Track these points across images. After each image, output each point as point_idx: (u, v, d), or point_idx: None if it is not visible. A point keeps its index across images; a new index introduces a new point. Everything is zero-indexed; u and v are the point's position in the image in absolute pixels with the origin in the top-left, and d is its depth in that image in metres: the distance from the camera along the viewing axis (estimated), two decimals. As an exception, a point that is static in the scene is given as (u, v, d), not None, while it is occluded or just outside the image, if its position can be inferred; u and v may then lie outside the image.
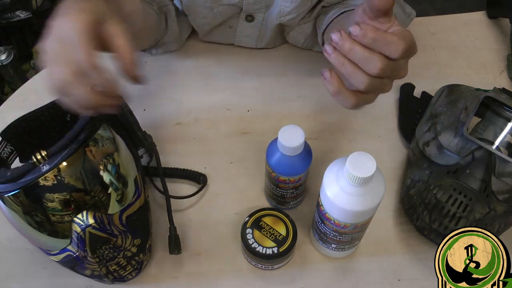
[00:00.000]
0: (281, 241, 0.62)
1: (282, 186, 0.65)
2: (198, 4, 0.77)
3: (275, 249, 0.62)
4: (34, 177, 0.54)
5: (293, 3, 0.75)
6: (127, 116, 0.65)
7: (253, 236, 0.63)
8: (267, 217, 0.64)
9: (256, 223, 0.64)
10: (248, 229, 0.63)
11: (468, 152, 0.65)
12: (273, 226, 0.63)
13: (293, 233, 0.63)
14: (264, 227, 0.63)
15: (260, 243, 0.62)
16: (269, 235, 0.63)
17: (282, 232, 0.63)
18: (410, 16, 0.81)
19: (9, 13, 1.56)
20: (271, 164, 0.63)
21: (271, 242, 0.62)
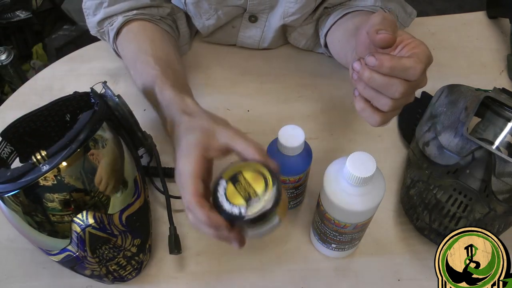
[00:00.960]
0: (253, 200, 0.48)
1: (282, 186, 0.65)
2: (202, 5, 0.77)
3: (243, 209, 0.47)
4: (34, 177, 0.53)
5: (298, 4, 0.75)
6: (127, 116, 0.65)
7: (226, 190, 0.49)
8: (248, 171, 0.49)
9: (235, 175, 0.49)
10: (223, 180, 0.49)
11: (468, 152, 0.65)
12: (252, 183, 0.49)
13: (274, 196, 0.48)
14: (240, 181, 0.49)
15: (229, 200, 0.48)
16: (242, 191, 0.49)
17: (258, 191, 0.48)
18: (411, 16, 0.81)
19: (9, 13, 1.56)
20: None
21: (241, 200, 0.48)
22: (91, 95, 0.64)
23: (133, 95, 0.75)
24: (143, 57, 0.70)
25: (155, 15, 0.75)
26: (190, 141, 0.53)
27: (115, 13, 0.73)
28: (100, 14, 0.74)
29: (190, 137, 0.54)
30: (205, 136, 0.53)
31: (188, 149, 0.52)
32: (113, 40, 0.76)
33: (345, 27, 0.73)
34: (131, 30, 0.74)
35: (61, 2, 1.80)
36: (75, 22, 1.82)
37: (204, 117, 0.57)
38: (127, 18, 0.73)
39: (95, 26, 0.76)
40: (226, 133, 0.53)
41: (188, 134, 0.55)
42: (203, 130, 0.54)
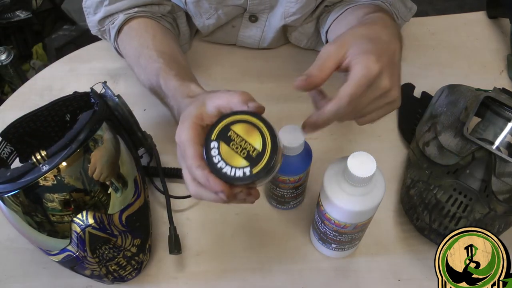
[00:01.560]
0: (255, 158, 0.45)
1: (282, 186, 0.65)
2: (202, 5, 0.77)
3: (247, 169, 0.45)
4: (34, 177, 0.54)
5: (298, 4, 0.75)
6: (127, 116, 0.65)
7: (220, 151, 0.46)
8: (237, 124, 0.46)
9: (224, 133, 0.46)
10: (213, 142, 0.46)
11: (468, 152, 0.65)
12: (246, 138, 0.46)
13: (271, 147, 0.45)
14: (234, 139, 0.46)
15: (228, 162, 0.45)
16: (240, 150, 0.46)
17: (257, 146, 0.45)
18: (411, 10, 0.81)
19: (9, 13, 1.56)
20: None
21: (242, 160, 0.45)
22: (91, 95, 0.64)
23: (133, 95, 0.75)
24: (145, 52, 0.70)
25: (156, 12, 0.75)
26: (184, 113, 0.51)
27: (116, 11, 0.73)
28: (100, 12, 0.74)
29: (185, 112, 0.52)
30: (198, 107, 0.50)
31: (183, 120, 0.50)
32: (114, 39, 0.76)
33: (346, 21, 0.72)
34: (132, 28, 0.74)
35: (61, 2, 1.80)
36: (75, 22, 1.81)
37: (204, 93, 0.56)
38: (128, 16, 0.73)
39: (95, 25, 0.76)
40: (212, 95, 0.51)
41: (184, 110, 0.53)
42: (196, 102, 0.52)
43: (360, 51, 0.50)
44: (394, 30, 0.57)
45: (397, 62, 0.55)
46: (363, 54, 0.50)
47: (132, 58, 0.74)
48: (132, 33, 0.74)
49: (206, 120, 0.49)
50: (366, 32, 0.54)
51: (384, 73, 0.51)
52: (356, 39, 0.52)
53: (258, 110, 0.47)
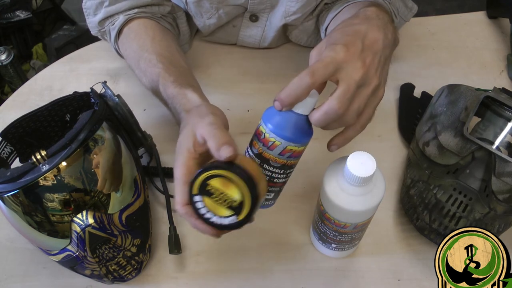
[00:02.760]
0: (238, 207, 0.49)
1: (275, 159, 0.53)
2: (203, 5, 0.77)
3: (233, 218, 0.49)
4: (34, 177, 0.54)
5: (299, 3, 0.75)
6: (127, 116, 0.65)
7: (205, 204, 0.50)
8: (213, 179, 0.49)
9: (203, 188, 0.49)
10: (197, 196, 0.49)
11: (468, 152, 0.65)
12: (224, 191, 0.49)
13: (250, 195, 0.48)
14: (213, 192, 0.49)
15: (215, 213, 0.50)
16: (221, 202, 0.49)
17: (236, 197, 0.48)
18: (411, 10, 0.81)
19: (9, 13, 1.56)
20: (272, 123, 0.51)
21: (226, 211, 0.49)
22: (91, 95, 0.64)
23: (133, 95, 0.75)
24: (145, 55, 0.70)
25: (156, 13, 0.75)
26: (179, 143, 0.55)
27: (116, 12, 0.73)
28: (101, 13, 0.74)
29: (179, 139, 0.55)
30: (189, 137, 0.54)
31: (177, 153, 0.54)
32: (114, 40, 0.76)
33: (344, 16, 0.72)
34: (132, 29, 0.74)
35: (61, 2, 1.80)
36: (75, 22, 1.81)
37: (194, 113, 0.57)
38: (129, 17, 0.73)
39: (96, 26, 0.76)
40: (198, 125, 0.53)
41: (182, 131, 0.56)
42: (187, 128, 0.55)
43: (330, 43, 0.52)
44: (379, 22, 0.57)
45: (378, 50, 0.54)
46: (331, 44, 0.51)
47: (132, 60, 0.74)
48: (131, 35, 0.74)
49: (198, 150, 0.53)
50: (342, 25, 0.55)
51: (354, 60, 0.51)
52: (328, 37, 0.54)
53: (229, 158, 0.49)
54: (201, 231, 0.52)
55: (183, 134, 0.55)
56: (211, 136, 0.51)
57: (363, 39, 0.52)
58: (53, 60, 0.91)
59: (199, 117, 0.55)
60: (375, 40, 0.53)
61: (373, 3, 0.69)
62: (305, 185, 0.73)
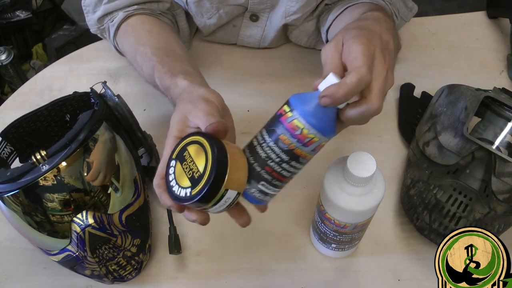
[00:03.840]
0: (196, 180, 0.45)
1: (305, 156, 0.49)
2: (204, 5, 0.77)
3: (188, 190, 0.45)
4: (34, 177, 0.54)
5: (299, 3, 0.75)
6: (126, 116, 0.65)
7: (175, 170, 0.47)
8: (192, 145, 0.46)
9: (181, 153, 0.47)
10: (173, 160, 0.48)
11: (468, 152, 0.65)
12: (194, 158, 0.46)
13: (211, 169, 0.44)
14: (186, 159, 0.46)
15: (177, 181, 0.47)
16: (188, 170, 0.46)
17: (200, 168, 0.45)
18: (412, 10, 0.81)
19: (9, 13, 1.56)
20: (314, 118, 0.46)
21: (187, 181, 0.46)
22: (91, 95, 0.64)
23: (133, 95, 0.75)
24: (141, 49, 0.70)
25: (155, 10, 0.75)
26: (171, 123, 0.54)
27: (115, 9, 0.73)
28: (100, 10, 0.74)
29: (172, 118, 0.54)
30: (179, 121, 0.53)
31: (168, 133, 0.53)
32: (113, 37, 0.76)
33: (347, 21, 0.72)
34: (129, 24, 0.73)
35: (61, 2, 1.80)
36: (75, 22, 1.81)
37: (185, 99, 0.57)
38: (128, 14, 0.73)
39: (95, 23, 0.76)
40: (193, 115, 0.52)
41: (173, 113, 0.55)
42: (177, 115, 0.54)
43: (350, 37, 0.50)
44: (387, 25, 0.58)
45: (391, 50, 0.54)
46: (353, 38, 0.50)
47: (129, 55, 0.74)
48: (129, 30, 0.74)
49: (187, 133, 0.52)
50: (356, 24, 0.55)
51: (378, 54, 0.50)
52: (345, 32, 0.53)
53: (213, 128, 0.47)
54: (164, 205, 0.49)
55: (173, 116, 0.54)
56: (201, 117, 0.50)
57: (380, 38, 0.52)
58: (53, 60, 0.91)
59: (190, 103, 0.54)
60: (388, 41, 0.54)
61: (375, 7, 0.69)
62: (305, 185, 0.73)
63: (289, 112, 0.47)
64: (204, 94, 0.55)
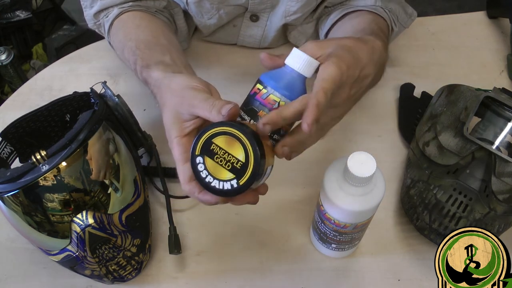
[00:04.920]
0: (240, 170, 0.45)
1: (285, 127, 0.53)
2: (204, 5, 0.77)
3: (234, 182, 0.46)
4: (34, 177, 0.54)
5: (299, 3, 0.75)
6: (126, 116, 0.65)
7: (206, 166, 0.47)
8: (218, 137, 0.46)
9: (207, 147, 0.46)
10: (198, 157, 0.47)
11: (468, 152, 0.65)
12: (228, 150, 0.46)
13: (254, 155, 0.45)
14: (217, 152, 0.46)
15: (215, 176, 0.46)
16: (224, 162, 0.46)
17: (240, 157, 0.45)
18: (411, 17, 0.81)
19: (9, 13, 1.56)
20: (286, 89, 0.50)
21: (228, 173, 0.46)
22: (91, 95, 0.64)
23: (133, 95, 0.75)
24: (128, 44, 0.69)
25: (151, 7, 0.75)
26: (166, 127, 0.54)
27: (111, 5, 0.73)
28: (96, 6, 0.74)
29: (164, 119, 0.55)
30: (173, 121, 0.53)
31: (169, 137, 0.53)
32: (107, 32, 0.75)
33: (344, 29, 0.73)
34: (121, 20, 0.73)
35: (61, 2, 1.80)
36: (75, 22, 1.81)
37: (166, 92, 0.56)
38: (123, 10, 0.73)
39: (91, 18, 0.76)
40: (186, 106, 0.52)
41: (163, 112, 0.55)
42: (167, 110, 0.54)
43: (335, 55, 0.52)
44: (380, 60, 0.59)
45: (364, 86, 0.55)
46: (337, 58, 0.51)
47: (119, 51, 0.74)
48: (120, 25, 0.73)
49: (187, 128, 0.53)
50: (351, 44, 0.55)
51: (346, 85, 0.52)
52: (338, 46, 0.54)
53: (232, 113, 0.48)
54: (207, 203, 0.49)
55: (165, 116, 0.54)
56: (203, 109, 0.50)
57: (361, 70, 0.54)
58: (53, 60, 0.91)
59: (175, 96, 0.54)
60: (367, 76, 0.55)
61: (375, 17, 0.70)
62: (305, 185, 0.73)
63: (263, 89, 0.51)
64: (184, 83, 0.55)
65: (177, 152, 0.52)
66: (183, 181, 0.50)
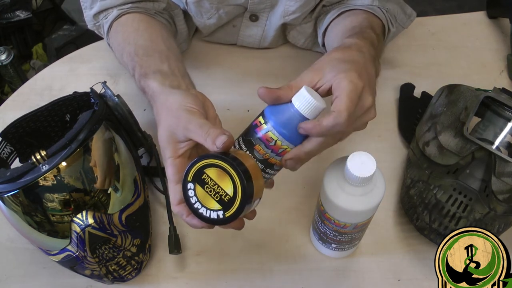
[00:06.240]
0: (228, 203, 0.47)
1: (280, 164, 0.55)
2: (203, 5, 0.77)
3: (220, 213, 0.48)
4: (34, 177, 0.54)
5: (298, 2, 0.75)
6: (126, 116, 0.65)
7: (196, 193, 0.48)
8: (210, 168, 0.48)
9: (198, 176, 0.48)
10: (190, 183, 0.48)
11: (468, 152, 0.65)
12: (218, 182, 0.48)
13: (242, 192, 0.47)
14: (207, 182, 0.48)
15: (203, 204, 0.48)
16: (213, 193, 0.48)
17: (228, 191, 0.47)
18: (410, 18, 0.81)
19: (9, 13, 1.56)
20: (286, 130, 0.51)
21: (215, 204, 0.48)
22: (91, 95, 0.64)
23: (133, 95, 0.75)
24: (127, 48, 0.69)
25: (150, 9, 0.75)
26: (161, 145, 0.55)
27: (111, 6, 0.73)
28: (96, 7, 0.74)
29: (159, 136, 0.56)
30: (167, 136, 0.55)
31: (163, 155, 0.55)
32: (106, 34, 0.75)
33: (341, 26, 0.73)
34: (120, 23, 0.73)
35: (61, 2, 1.80)
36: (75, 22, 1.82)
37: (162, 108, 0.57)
38: (122, 12, 0.73)
39: (91, 19, 0.76)
40: (181, 129, 0.53)
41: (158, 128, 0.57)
42: (162, 129, 0.55)
43: (339, 71, 0.53)
44: (369, 57, 0.59)
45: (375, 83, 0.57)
46: (343, 73, 0.52)
47: (118, 54, 0.74)
48: (118, 28, 0.73)
49: (181, 149, 0.54)
50: (341, 55, 0.57)
51: (366, 89, 0.53)
52: (331, 62, 0.55)
53: (226, 146, 0.49)
54: (193, 227, 0.52)
55: (160, 134, 0.56)
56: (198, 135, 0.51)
57: (366, 70, 0.55)
58: (53, 60, 0.91)
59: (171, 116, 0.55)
60: (371, 73, 0.57)
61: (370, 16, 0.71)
62: (305, 185, 0.73)
63: (264, 124, 0.52)
64: (180, 102, 0.55)
65: (170, 172, 0.54)
66: (173, 202, 0.53)
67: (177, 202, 0.53)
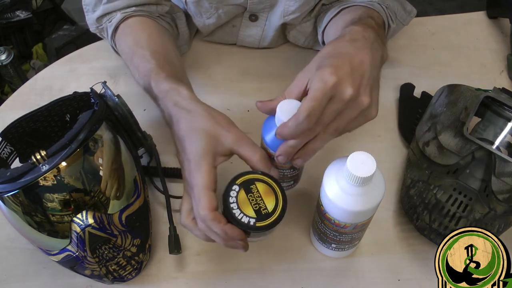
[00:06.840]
0: (263, 216, 0.52)
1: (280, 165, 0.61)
2: (203, 4, 0.77)
3: (252, 220, 0.52)
4: (34, 177, 0.53)
5: (297, 2, 0.75)
6: (126, 116, 0.65)
7: (237, 196, 0.53)
8: (261, 183, 0.53)
9: (247, 184, 0.53)
10: (236, 186, 0.53)
11: (468, 152, 0.65)
12: (263, 197, 0.53)
13: (280, 212, 0.53)
14: (253, 192, 0.53)
15: (240, 207, 0.52)
16: (254, 203, 0.53)
17: (268, 207, 0.53)
18: (410, 14, 0.81)
19: (9, 13, 1.56)
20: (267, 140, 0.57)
21: (252, 211, 0.52)
22: (91, 95, 0.64)
23: (133, 95, 0.75)
24: (139, 51, 0.70)
25: (154, 12, 0.75)
26: (197, 150, 0.55)
27: (114, 9, 0.73)
28: (99, 10, 0.74)
29: (195, 144, 0.56)
30: (211, 143, 0.55)
31: (196, 161, 0.55)
32: (111, 37, 0.76)
33: (340, 23, 0.73)
34: (128, 25, 0.74)
35: (61, 2, 1.80)
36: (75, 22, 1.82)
37: (204, 116, 0.58)
38: (126, 15, 0.73)
39: (94, 22, 0.76)
40: (230, 137, 0.56)
41: (192, 137, 0.56)
42: (207, 135, 0.56)
43: (317, 69, 0.54)
44: (365, 43, 0.59)
45: (367, 71, 0.56)
46: (318, 70, 0.53)
47: (126, 56, 0.74)
48: (127, 31, 0.74)
49: (218, 161, 0.56)
50: (330, 49, 0.58)
51: (344, 82, 0.52)
52: (318, 59, 0.56)
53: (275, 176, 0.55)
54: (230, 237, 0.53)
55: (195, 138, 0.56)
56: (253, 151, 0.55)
57: (351, 61, 0.54)
58: (53, 60, 0.91)
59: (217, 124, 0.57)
60: (362, 62, 0.55)
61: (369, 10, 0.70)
62: (305, 185, 0.73)
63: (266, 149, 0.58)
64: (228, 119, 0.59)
65: (207, 179, 0.54)
66: (208, 208, 0.52)
67: (212, 208, 0.53)
